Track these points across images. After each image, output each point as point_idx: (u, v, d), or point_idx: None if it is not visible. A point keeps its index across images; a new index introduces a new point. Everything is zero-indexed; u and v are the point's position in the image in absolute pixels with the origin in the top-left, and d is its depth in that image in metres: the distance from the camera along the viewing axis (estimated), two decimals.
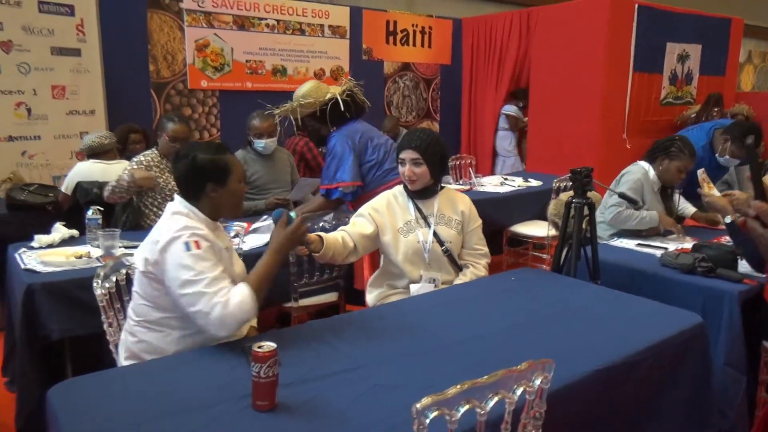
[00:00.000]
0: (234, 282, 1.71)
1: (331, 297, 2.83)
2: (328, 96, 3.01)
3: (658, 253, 2.53)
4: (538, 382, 1.22)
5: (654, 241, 2.80)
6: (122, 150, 3.86)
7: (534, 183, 4.67)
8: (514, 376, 1.17)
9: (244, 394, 1.35)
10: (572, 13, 6.15)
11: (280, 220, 1.82)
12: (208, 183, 1.75)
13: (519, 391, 1.18)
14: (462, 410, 1.10)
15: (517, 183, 4.64)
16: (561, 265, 2.40)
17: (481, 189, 4.39)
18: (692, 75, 6.81)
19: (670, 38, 6.38)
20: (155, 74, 5.39)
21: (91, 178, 3.16)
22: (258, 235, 2.76)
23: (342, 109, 3.00)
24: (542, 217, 4.15)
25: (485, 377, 1.12)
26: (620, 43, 5.93)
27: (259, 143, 3.46)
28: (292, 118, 3.09)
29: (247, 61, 5.83)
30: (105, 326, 1.92)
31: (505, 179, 4.78)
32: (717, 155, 3.48)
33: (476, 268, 2.38)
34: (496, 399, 1.14)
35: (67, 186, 3.28)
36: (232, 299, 1.63)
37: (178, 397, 1.36)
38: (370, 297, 2.43)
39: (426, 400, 1.06)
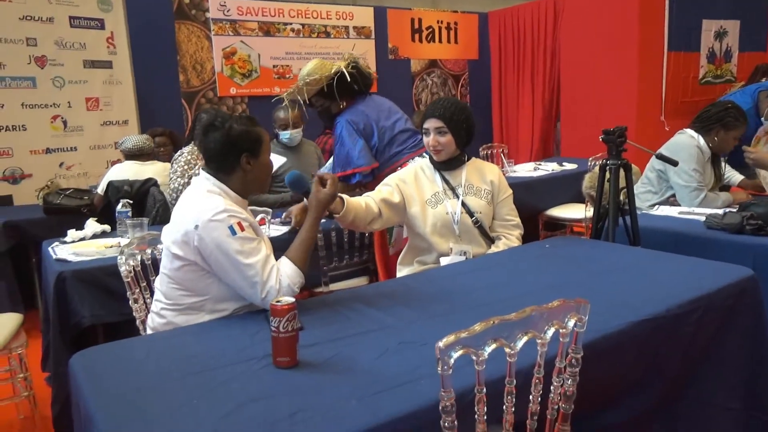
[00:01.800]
0: None
1: (361, 281, 2.77)
2: (333, 70, 2.92)
3: (703, 217, 2.39)
4: (571, 324, 1.13)
5: (702, 208, 2.66)
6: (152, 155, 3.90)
7: (569, 167, 4.54)
8: (545, 315, 1.08)
9: (265, 353, 1.30)
10: None
11: (314, 182, 1.78)
12: (244, 154, 1.70)
13: (551, 332, 1.09)
14: (489, 349, 1.02)
15: (551, 168, 4.51)
16: (599, 231, 2.29)
17: (513, 174, 4.29)
18: (731, 52, 6.56)
19: (705, 15, 6.16)
20: (185, 83, 5.48)
21: (125, 177, 3.20)
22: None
23: (349, 81, 2.89)
24: (579, 199, 4.02)
25: (513, 314, 1.04)
26: (653, 22, 5.76)
27: (284, 135, 3.45)
28: (300, 99, 3.01)
29: (274, 66, 5.88)
30: (131, 302, 1.91)
31: (539, 165, 4.66)
32: (763, 118, 3.31)
33: (509, 239, 2.29)
34: (525, 339, 1.06)
35: (101, 187, 3.34)
36: (283, 281, 1.63)
37: (200, 359, 1.32)
38: (400, 276, 2.36)
39: (450, 338, 0.99)
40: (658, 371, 1.55)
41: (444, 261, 2.20)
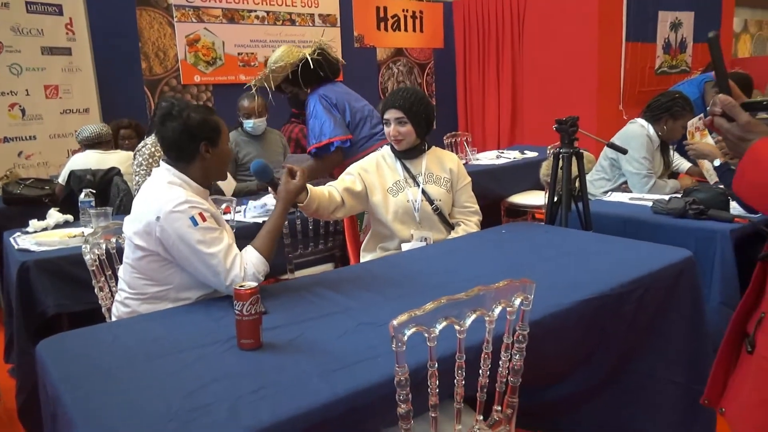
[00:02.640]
0: None
1: (326, 268, 2.83)
2: (299, 57, 2.96)
3: (651, 203, 2.52)
4: (518, 302, 1.21)
5: (650, 194, 2.79)
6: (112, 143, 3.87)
7: (530, 155, 4.66)
8: (493, 294, 1.16)
9: (229, 335, 1.36)
10: None
11: (284, 173, 1.83)
12: (202, 143, 1.73)
13: (498, 310, 1.17)
14: (439, 327, 1.10)
15: (513, 156, 4.63)
16: (553, 217, 2.39)
17: (476, 162, 4.39)
18: (686, 43, 6.78)
19: (661, 6, 6.36)
20: (148, 71, 5.41)
21: (87, 167, 3.18)
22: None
23: (312, 67, 2.92)
24: (539, 187, 4.14)
25: (462, 294, 1.12)
26: (611, 14, 5.92)
27: (248, 123, 3.46)
28: (267, 86, 3.03)
29: (239, 53, 5.84)
30: (96, 290, 1.93)
31: (501, 153, 4.77)
32: (708, 107, 3.45)
33: (467, 225, 2.37)
34: (474, 316, 1.14)
35: (63, 177, 3.30)
36: (248, 269, 1.66)
37: (166, 343, 1.37)
38: (363, 261, 2.43)
39: (403, 317, 1.06)
40: (605, 347, 1.65)
41: (405, 247, 2.27)
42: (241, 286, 1.31)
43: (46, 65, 4.63)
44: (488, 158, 4.58)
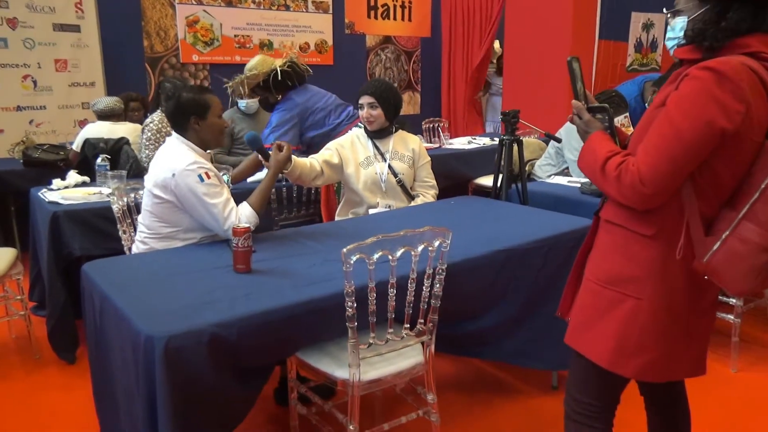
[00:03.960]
0: None
1: None
2: (272, 68, 3.50)
3: (579, 185, 3.00)
4: (437, 243, 1.69)
5: (583, 178, 3.27)
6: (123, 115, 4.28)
7: None
8: (417, 236, 1.64)
9: (227, 264, 1.83)
10: None
11: (273, 147, 2.28)
12: (192, 117, 2.17)
13: (421, 247, 1.65)
14: (376, 255, 1.57)
15: (483, 142, 5.09)
16: (497, 193, 2.87)
17: (450, 147, 4.84)
18: (657, 43, 7.21)
19: (634, 8, 6.77)
20: (149, 49, 5.79)
21: (99, 136, 3.61)
22: None
23: (280, 78, 3.50)
24: None
25: (394, 233, 1.59)
26: (586, 12, 6.32)
27: (242, 103, 3.89)
28: (241, 88, 3.61)
29: (235, 35, 6.22)
30: (120, 233, 2.40)
31: (473, 139, 5.23)
32: (646, 105, 3.94)
33: (425, 197, 2.85)
34: (402, 250, 1.61)
35: (77, 144, 3.72)
36: (242, 219, 2.12)
37: (180, 267, 1.84)
38: (336, 221, 2.90)
39: (351, 246, 1.54)
40: (515, 290, 2.14)
41: (372, 212, 2.74)
42: (238, 226, 1.78)
43: (56, 41, 5.02)
44: (460, 143, 5.04)
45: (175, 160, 2.12)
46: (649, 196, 1.25)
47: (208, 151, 2.27)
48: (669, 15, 1.38)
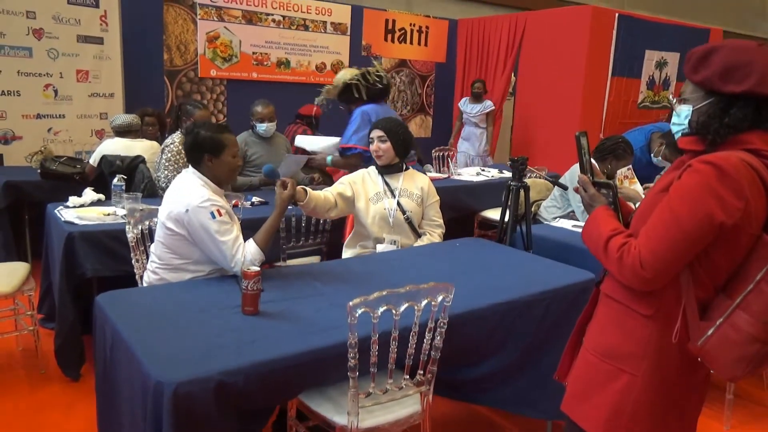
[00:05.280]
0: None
1: (314, 259, 3.35)
2: (348, 78, 3.67)
3: None
4: (440, 298, 1.74)
5: None
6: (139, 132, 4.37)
7: (508, 174, 5.16)
8: (422, 291, 1.69)
9: (236, 304, 1.89)
10: (558, 19, 6.64)
11: (277, 185, 2.34)
12: (206, 154, 2.25)
13: (424, 302, 1.70)
14: (381, 310, 1.62)
15: (492, 174, 5.14)
16: (503, 237, 2.92)
17: (458, 178, 4.90)
18: (669, 81, 7.28)
19: (649, 46, 6.85)
20: (168, 62, 5.90)
21: (115, 152, 3.69)
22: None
23: (363, 83, 3.64)
24: None
25: (399, 288, 1.65)
26: (600, 49, 6.41)
27: (261, 126, 3.96)
28: (325, 101, 3.87)
29: (253, 53, 6.33)
30: (133, 261, 2.46)
31: (482, 170, 5.29)
32: (652, 155, 4.00)
33: (432, 236, 2.91)
34: (406, 305, 1.67)
35: (94, 159, 3.80)
36: (247, 257, 2.18)
37: (191, 305, 1.90)
38: (345, 256, 2.95)
39: (356, 300, 1.59)
40: (515, 340, 2.18)
41: (379, 248, 2.80)
42: (249, 269, 1.84)
43: (79, 52, 5.14)
44: (469, 173, 5.10)
45: (189, 195, 2.19)
46: (648, 280, 1.30)
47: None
48: (675, 101, 1.43)
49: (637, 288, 1.35)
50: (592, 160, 1.55)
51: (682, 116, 1.41)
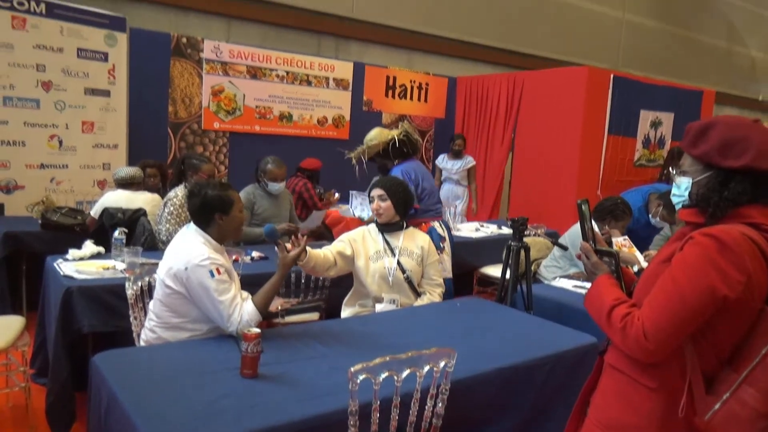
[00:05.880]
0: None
1: (313, 316, 3.32)
2: (389, 137, 3.78)
3: (585, 291, 3.03)
4: (442, 364, 1.72)
5: (588, 284, 3.31)
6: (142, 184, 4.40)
7: (506, 231, 5.18)
8: (424, 357, 1.68)
9: (234, 365, 1.86)
10: (555, 79, 6.81)
11: (279, 247, 2.34)
12: (216, 213, 2.27)
13: (426, 368, 1.68)
14: (383, 376, 1.60)
15: (491, 230, 5.16)
16: (503, 296, 2.91)
17: (457, 234, 4.91)
18: (665, 140, 7.42)
19: (643, 106, 7.01)
20: (173, 115, 6.00)
21: (117, 205, 3.71)
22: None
23: (398, 146, 3.79)
24: None
25: (402, 354, 1.63)
26: (596, 108, 6.55)
27: (274, 186, 4.01)
28: (363, 157, 3.96)
29: (257, 106, 6.45)
30: (131, 318, 2.44)
31: (481, 226, 5.31)
32: (650, 216, 4.03)
33: (432, 295, 2.89)
34: (408, 371, 1.65)
35: (95, 211, 3.82)
36: (244, 317, 2.17)
37: (189, 365, 1.87)
38: (344, 314, 2.93)
39: (357, 366, 1.57)
40: (517, 404, 2.14)
41: (378, 307, 2.78)
42: (248, 331, 1.82)
43: (86, 104, 5.23)
44: (468, 229, 5.11)
45: (189, 253, 2.19)
46: (651, 351, 1.30)
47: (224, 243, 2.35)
48: (675, 173, 1.46)
49: (641, 359, 1.34)
50: (595, 228, 1.57)
51: (682, 188, 1.43)
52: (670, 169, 5.90)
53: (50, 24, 4.93)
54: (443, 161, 6.76)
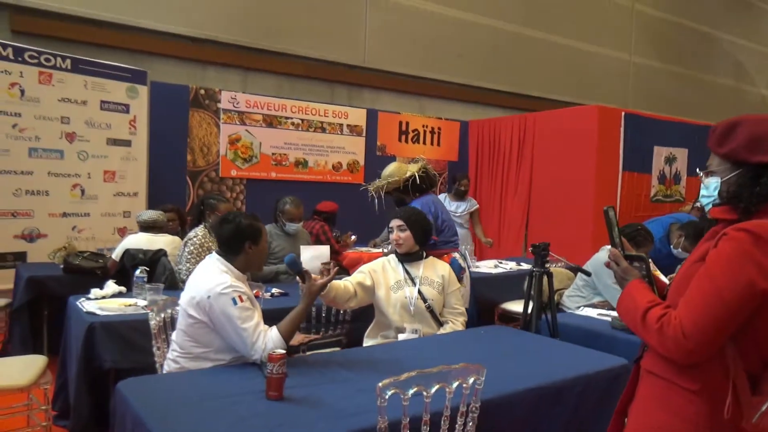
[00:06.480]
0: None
1: (334, 350, 3.28)
2: (408, 174, 3.82)
3: (611, 318, 2.98)
4: (471, 380, 1.68)
5: (613, 311, 3.25)
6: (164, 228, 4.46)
7: (526, 267, 5.13)
8: (452, 372, 1.64)
9: (259, 389, 1.83)
10: (566, 118, 6.89)
11: (300, 277, 2.33)
12: (247, 241, 2.29)
13: (455, 384, 1.64)
14: (411, 391, 1.57)
15: (510, 266, 5.12)
16: (527, 324, 2.86)
17: (476, 270, 4.87)
18: (680, 176, 7.39)
19: (657, 142, 7.02)
20: (191, 163, 6.13)
21: (138, 246, 3.74)
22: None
23: (418, 182, 3.81)
24: None
25: (430, 369, 1.60)
26: (609, 145, 6.57)
27: (292, 226, 4.06)
28: (376, 193, 3.99)
29: (273, 153, 6.57)
30: (154, 348, 2.42)
31: (500, 263, 5.27)
32: (672, 247, 3.98)
33: (455, 324, 2.85)
34: (437, 386, 1.61)
35: (116, 254, 3.86)
36: (268, 344, 2.14)
37: (213, 391, 1.84)
38: (366, 346, 2.89)
39: (385, 381, 1.54)
40: (549, 428, 2.07)
41: (401, 337, 2.74)
42: (273, 352, 1.80)
43: (108, 154, 5.36)
44: (487, 266, 5.08)
45: (211, 281, 2.20)
46: (691, 351, 1.26)
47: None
48: (702, 174, 1.46)
49: (680, 361, 1.30)
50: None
51: (711, 188, 1.42)
52: (697, 204, 5.86)
53: (75, 78, 5.13)
54: (445, 203, 6.68)
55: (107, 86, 5.32)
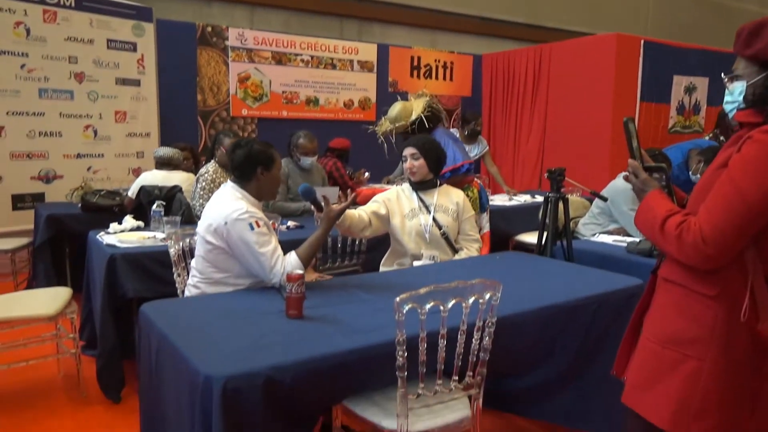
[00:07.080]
0: None
1: None
2: (414, 116, 3.65)
3: (626, 243, 2.97)
4: (488, 295, 1.70)
5: (629, 237, 3.24)
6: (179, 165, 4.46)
7: (540, 199, 5.11)
8: (468, 288, 1.66)
9: (279, 309, 1.87)
10: (583, 48, 6.68)
11: (316, 206, 2.33)
12: (259, 167, 2.28)
13: (471, 299, 1.66)
14: (428, 306, 1.59)
15: (524, 199, 5.10)
16: (542, 249, 2.86)
17: (491, 203, 4.86)
18: (700, 106, 7.20)
19: (676, 71, 6.82)
20: (202, 103, 6.08)
21: (154, 183, 3.76)
22: None
23: (426, 123, 3.63)
24: None
25: (446, 284, 1.61)
26: (627, 75, 6.40)
27: (306, 160, 4.04)
28: (384, 136, 3.84)
29: (283, 92, 6.49)
30: (175, 275, 2.48)
31: (514, 195, 5.25)
32: (690, 173, 3.91)
33: (469, 250, 2.87)
34: (454, 301, 1.63)
35: (133, 190, 3.89)
36: (287, 269, 2.15)
37: (236, 311, 1.90)
38: (382, 271, 2.92)
39: (403, 296, 1.56)
40: (564, 347, 2.11)
41: (417, 264, 2.76)
42: (292, 272, 1.83)
43: (118, 94, 5.34)
44: (501, 200, 5.07)
45: (227, 208, 2.21)
46: (711, 256, 1.25)
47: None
48: (727, 80, 1.41)
49: (700, 266, 1.30)
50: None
51: (735, 93, 1.38)
52: (716, 131, 5.73)
53: (80, 16, 5.04)
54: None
55: (112, 24, 5.23)
